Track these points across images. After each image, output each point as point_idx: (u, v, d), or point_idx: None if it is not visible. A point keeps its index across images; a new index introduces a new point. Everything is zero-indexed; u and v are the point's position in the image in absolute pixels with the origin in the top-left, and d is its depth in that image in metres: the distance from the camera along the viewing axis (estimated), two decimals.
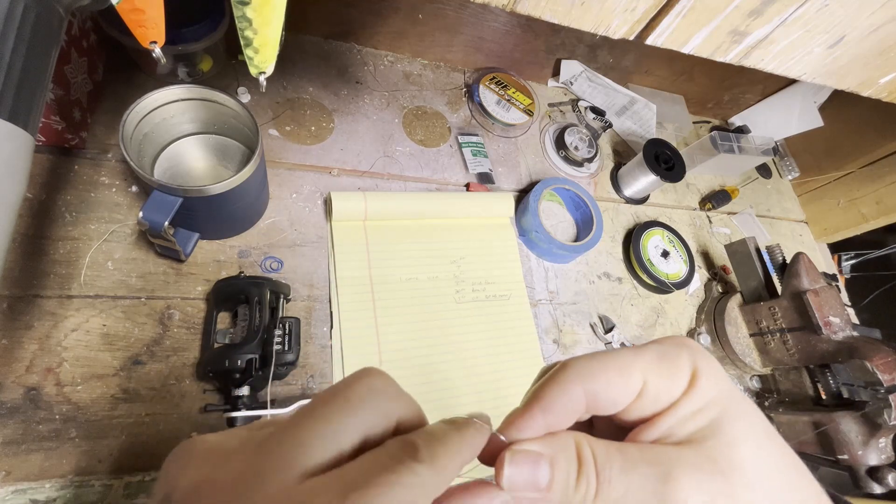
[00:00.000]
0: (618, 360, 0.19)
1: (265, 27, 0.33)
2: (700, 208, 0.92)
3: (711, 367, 0.19)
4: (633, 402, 0.19)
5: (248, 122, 0.49)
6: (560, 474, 0.18)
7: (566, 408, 0.19)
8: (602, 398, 0.19)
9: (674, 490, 0.16)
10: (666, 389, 0.19)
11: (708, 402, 0.18)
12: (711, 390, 0.19)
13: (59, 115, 0.48)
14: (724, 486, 0.17)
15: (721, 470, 0.17)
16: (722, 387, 0.19)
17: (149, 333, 0.48)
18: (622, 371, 0.19)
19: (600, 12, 0.28)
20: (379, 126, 0.71)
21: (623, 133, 0.91)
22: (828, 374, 0.63)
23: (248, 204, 0.52)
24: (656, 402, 0.19)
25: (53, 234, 0.48)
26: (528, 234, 0.70)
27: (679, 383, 0.19)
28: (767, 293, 0.71)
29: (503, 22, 0.74)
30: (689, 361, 0.19)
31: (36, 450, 0.41)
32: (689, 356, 0.19)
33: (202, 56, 0.59)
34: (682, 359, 0.19)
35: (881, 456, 0.58)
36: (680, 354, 0.19)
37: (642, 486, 0.17)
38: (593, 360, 0.19)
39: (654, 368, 0.19)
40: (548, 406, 0.19)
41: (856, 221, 0.96)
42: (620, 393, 0.19)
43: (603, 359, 0.19)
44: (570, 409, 0.19)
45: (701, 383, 0.19)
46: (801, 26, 0.29)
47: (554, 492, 0.18)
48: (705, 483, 0.17)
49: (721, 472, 0.17)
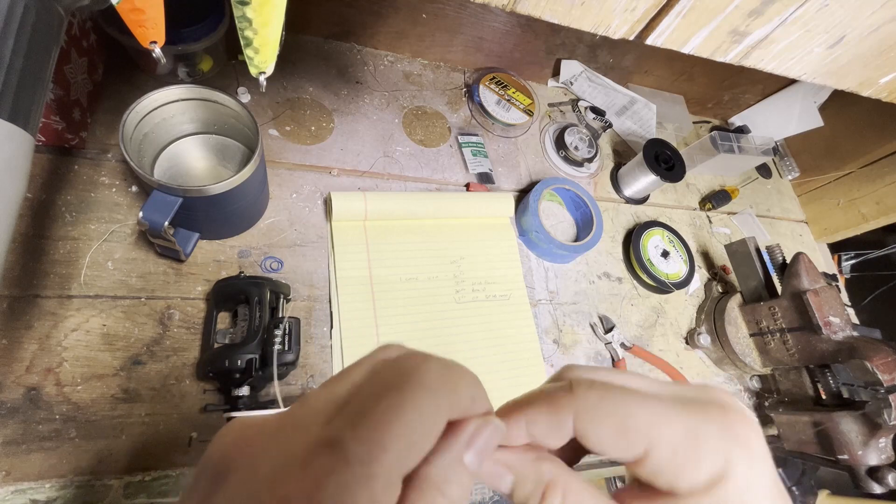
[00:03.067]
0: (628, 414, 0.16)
1: (265, 27, 0.33)
2: (700, 208, 0.92)
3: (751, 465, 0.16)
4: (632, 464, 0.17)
5: (248, 122, 0.49)
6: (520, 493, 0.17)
7: (551, 431, 0.17)
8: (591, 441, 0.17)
9: None
10: (674, 475, 0.16)
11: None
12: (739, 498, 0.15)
13: (59, 115, 0.48)
14: None
15: None
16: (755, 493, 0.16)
17: (149, 333, 0.48)
18: (624, 428, 0.16)
19: (600, 12, 0.28)
20: (379, 126, 0.71)
21: (623, 133, 0.91)
22: (828, 374, 0.63)
23: (248, 204, 0.52)
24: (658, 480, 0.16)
25: (53, 234, 0.48)
26: (528, 234, 0.70)
27: (696, 476, 0.16)
28: (767, 293, 0.71)
29: (503, 22, 0.74)
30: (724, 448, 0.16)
31: (36, 450, 0.41)
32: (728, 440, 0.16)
33: (202, 56, 0.59)
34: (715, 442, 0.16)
35: (881, 456, 0.58)
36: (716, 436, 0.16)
37: None
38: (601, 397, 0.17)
39: (669, 443, 0.16)
40: (533, 419, 0.18)
41: (856, 221, 0.96)
42: (612, 448, 0.17)
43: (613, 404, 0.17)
44: (554, 434, 0.17)
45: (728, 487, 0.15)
46: (801, 26, 0.29)
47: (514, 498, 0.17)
48: None
49: None
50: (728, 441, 0.16)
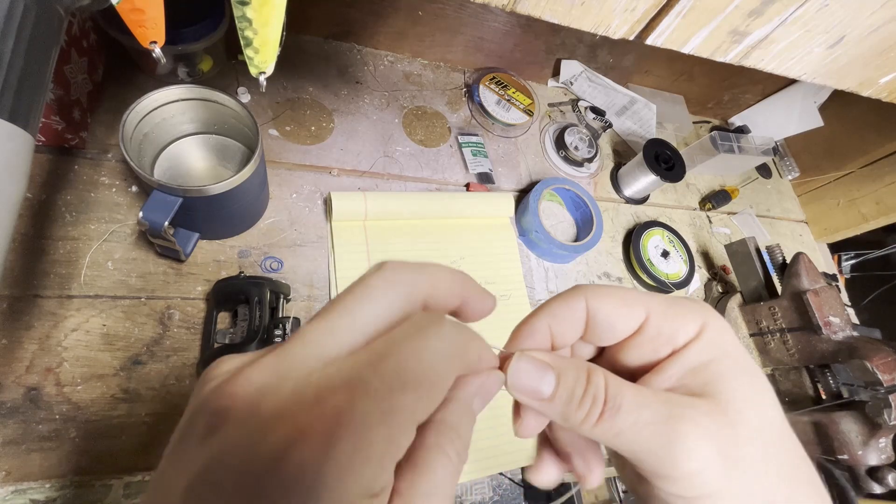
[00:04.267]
0: (624, 291, 0.20)
1: (265, 27, 0.33)
2: (700, 208, 0.92)
3: (721, 324, 0.19)
4: (635, 338, 0.20)
5: (248, 122, 0.49)
6: (565, 388, 0.18)
7: (569, 317, 0.20)
8: (601, 319, 0.19)
9: (683, 433, 0.17)
10: (670, 332, 0.19)
11: (717, 356, 0.19)
12: (720, 344, 0.19)
13: (59, 115, 0.48)
14: (732, 438, 0.17)
15: (731, 423, 0.17)
16: (730, 344, 0.19)
17: (149, 333, 0.48)
18: (625, 299, 0.19)
19: (600, 12, 0.28)
20: (379, 126, 0.71)
21: (623, 133, 0.91)
22: (828, 374, 0.63)
23: (248, 204, 0.52)
24: (660, 343, 0.19)
25: (53, 234, 0.48)
26: (528, 234, 0.70)
27: (685, 330, 0.19)
28: (767, 293, 0.71)
29: (503, 22, 0.74)
30: (699, 314, 0.19)
31: (36, 450, 0.41)
32: (700, 310, 0.19)
33: (202, 56, 0.59)
34: (691, 310, 0.19)
35: (881, 456, 0.58)
36: (690, 306, 0.20)
37: (651, 423, 0.17)
38: (601, 286, 0.20)
39: (660, 309, 0.19)
40: (552, 312, 0.20)
41: (856, 221, 0.96)
42: (620, 319, 0.19)
43: (610, 287, 0.20)
44: (572, 321, 0.20)
45: (709, 335, 0.19)
46: (801, 26, 0.29)
47: (555, 404, 0.18)
48: (715, 432, 0.17)
49: (731, 424, 0.17)
50: (698, 306, 0.20)
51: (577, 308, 0.20)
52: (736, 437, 0.17)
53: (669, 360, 0.19)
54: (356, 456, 0.12)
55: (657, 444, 0.17)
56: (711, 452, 0.16)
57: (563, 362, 0.19)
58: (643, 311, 0.19)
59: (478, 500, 0.55)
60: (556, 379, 0.18)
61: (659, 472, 0.17)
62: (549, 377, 0.18)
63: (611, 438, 0.17)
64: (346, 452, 0.12)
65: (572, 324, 0.20)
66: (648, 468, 0.17)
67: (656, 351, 0.19)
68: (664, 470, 0.17)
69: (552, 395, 0.18)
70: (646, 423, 0.17)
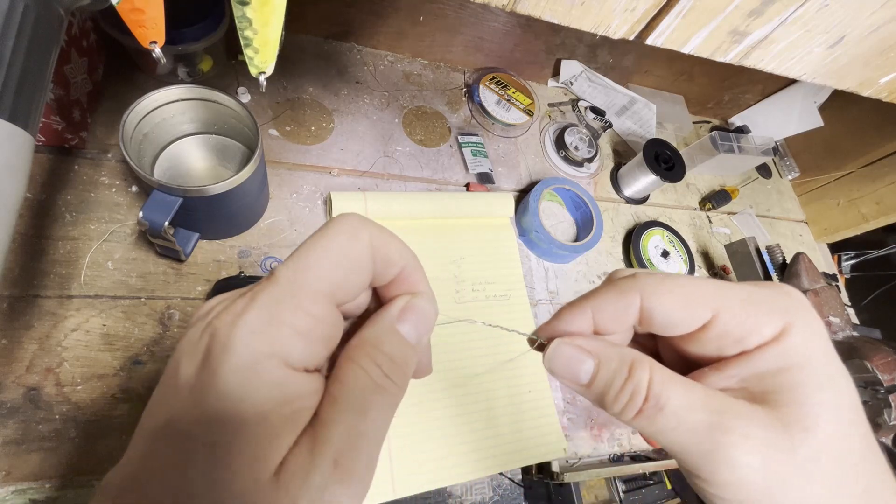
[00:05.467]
0: (691, 285, 0.18)
1: (265, 27, 0.33)
2: (700, 208, 0.92)
3: (809, 324, 0.17)
4: (697, 334, 0.18)
5: (248, 122, 0.49)
6: (603, 377, 0.18)
7: (617, 311, 0.18)
8: (658, 316, 0.18)
9: (728, 444, 0.16)
10: (740, 334, 0.17)
11: (794, 364, 0.17)
12: (801, 350, 0.17)
13: (59, 115, 0.48)
14: (786, 454, 0.16)
15: (790, 437, 0.16)
16: (815, 349, 0.17)
17: (149, 333, 0.48)
18: (690, 298, 0.17)
19: (600, 12, 0.28)
20: (379, 126, 0.71)
21: (623, 133, 0.91)
22: None
23: (248, 204, 0.52)
24: (728, 343, 0.17)
25: (53, 234, 0.48)
26: (528, 234, 0.70)
27: (762, 332, 0.17)
28: None
29: (503, 22, 0.74)
30: (783, 312, 0.17)
31: (36, 450, 0.41)
32: (785, 306, 0.17)
33: (202, 56, 0.59)
34: (774, 307, 0.17)
35: None
36: (774, 302, 0.17)
37: (695, 429, 0.16)
38: (662, 278, 0.18)
39: (733, 307, 0.17)
40: (599, 304, 0.19)
41: (856, 221, 0.96)
42: (680, 319, 0.18)
43: (673, 279, 0.18)
44: (621, 314, 0.18)
45: (791, 341, 0.17)
46: (801, 26, 0.29)
47: (592, 391, 0.18)
48: (767, 445, 0.16)
49: (789, 439, 0.16)
50: (785, 303, 0.17)
51: (630, 304, 0.18)
52: (792, 453, 0.16)
53: (734, 361, 0.17)
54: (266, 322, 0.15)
55: (699, 450, 0.16)
56: (757, 467, 0.15)
57: (607, 351, 0.18)
58: (710, 311, 0.17)
59: (478, 500, 0.55)
60: (596, 367, 0.18)
61: (698, 474, 0.17)
62: (588, 364, 0.18)
63: (651, 433, 0.17)
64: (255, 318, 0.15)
65: (621, 318, 0.18)
66: (688, 467, 0.17)
67: (721, 349, 0.18)
68: (703, 474, 0.16)
69: (589, 383, 0.18)
70: (689, 428, 0.16)
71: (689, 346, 0.18)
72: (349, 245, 0.17)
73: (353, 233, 0.17)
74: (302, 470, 0.14)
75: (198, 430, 0.14)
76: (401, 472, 0.51)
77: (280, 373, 0.15)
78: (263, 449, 0.14)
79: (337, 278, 0.16)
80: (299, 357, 0.15)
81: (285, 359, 0.15)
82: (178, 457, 0.14)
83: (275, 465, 0.14)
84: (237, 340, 0.14)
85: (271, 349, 0.15)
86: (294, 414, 0.15)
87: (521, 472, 0.59)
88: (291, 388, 0.15)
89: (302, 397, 0.15)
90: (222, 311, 0.15)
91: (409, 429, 0.53)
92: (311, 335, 0.16)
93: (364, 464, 0.15)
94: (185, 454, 0.14)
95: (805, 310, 0.17)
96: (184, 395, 0.15)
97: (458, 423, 0.55)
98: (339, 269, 0.16)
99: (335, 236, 0.16)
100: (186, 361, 0.15)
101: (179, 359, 0.15)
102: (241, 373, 0.14)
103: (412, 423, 0.53)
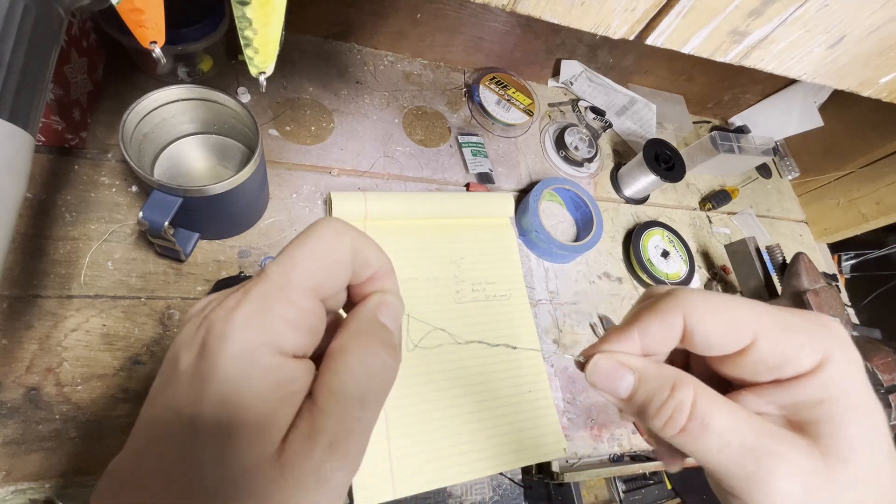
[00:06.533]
0: (731, 307, 0.18)
1: (265, 27, 0.33)
2: (700, 208, 0.92)
3: (846, 358, 0.18)
4: (736, 356, 0.18)
5: (248, 122, 0.49)
6: (644, 393, 0.18)
7: (662, 333, 0.19)
8: (700, 338, 0.18)
9: (770, 469, 0.16)
10: (779, 361, 0.17)
11: (832, 397, 0.17)
12: (839, 384, 0.17)
13: (59, 115, 0.48)
14: (826, 484, 0.16)
15: (830, 467, 0.16)
16: (852, 383, 0.17)
17: (149, 333, 0.48)
18: (732, 321, 0.18)
19: (600, 12, 0.28)
20: (379, 126, 0.71)
21: (623, 133, 0.91)
22: None
23: (248, 204, 0.52)
24: (764, 369, 0.18)
25: (53, 234, 0.48)
26: (528, 234, 0.70)
27: (799, 362, 0.17)
28: (767, 293, 0.71)
29: (503, 22, 0.74)
30: (821, 344, 0.17)
31: (36, 450, 0.41)
32: (824, 338, 0.18)
33: (202, 56, 0.59)
34: (812, 337, 0.17)
35: None
36: (813, 332, 0.18)
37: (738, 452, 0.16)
38: (704, 298, 0.18)
39: (773, 333, 0.17)
40: (644, 328, 0.19)
41: (856, 221, 0.96)
42: (722, 341, 0.18)
43: (716, 300, 0.18)
44: (666, 335, 0.19)
45: (830, 374, 0.17)
46: (801, 26, 0.29)
47: (633, 405, 0.19)
48: (808, 473, 0.16)
49: (829, 469, 0.16)
50: (825, 333, 0.18)
51: (673, 325, 0.19)
52: (832, 483, 0.16)
53: (772, 388, 0.18)
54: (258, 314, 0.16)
55: (741, 471, 0.16)
56: (797, 494, 0.16)
57: (648, 368, 0.19)
58: (750, 335, 0.18)
59: (478, 499, 0.55)
60: (636, 382, 0.18)
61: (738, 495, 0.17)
62: (629, 379, 0.19)
63: (694, 452, 0.17)
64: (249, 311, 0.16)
65: (665, 340, 0.19)
66: (728, 487, 0.17)
67: (755, 374, 0.18)
68: (743, 495, 0.17)
69: (629, 397, 0.19)
70: (733, 449, 0.16)
71: (724, 367, 0.19)
72: (333, 246, 0.18)
73: (337, 236, 0.18)
74: (302, 450, 0.15)
75: (201, 413, 0.15)
76: (401, 472, 0.51)
77: (274, 359, 0.16)
78: (263, 428, 0.15)
79: (322, 276, 0.17)
80: (290, 345, 0.16)
81: (278, 346, 0.16)
82: (185, 439, 0.15)
83: (276, 444, 0.15)
84: (233, 330, 0.15)
85: (265, 338, 0.16)
86: (289, 396, 0.16)
87: (521, 472, 0.59)
88: (285, 372, 0.16)
89: (295, 380, 0.16)
90: (216, 306, 0.16)
91: (409, 429, 0.53)
92: (300, 325, 0.17)
93: (355, 446, 0.16)
94: (191, 437, 0.15)
95: (844, 342, 0.18)
96: (184, 383, 0.15)
97: (458, 423, 0.55)
98: (324, 267, 0.18)
99: (321, 238, 0.18)
100: (185, 353, 0.16)
101: (178, 351, 0.16)
102: (239, 359, 0.15)
103: (412, 423, 0.53)
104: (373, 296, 0.20)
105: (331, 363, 0.17)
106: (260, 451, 0.15)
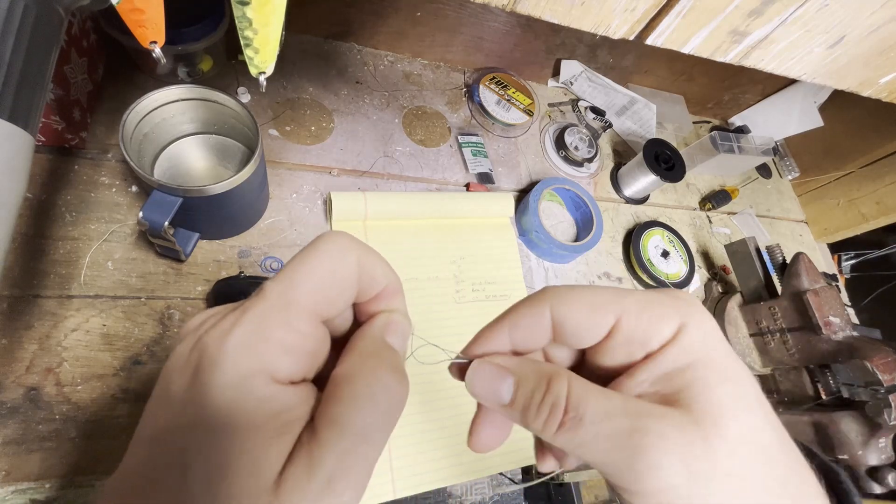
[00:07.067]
0: (593, 293, 0.19)
1: (265, 27, 0.33)
2: (700, 208, 0.92)
3: (702, 322, 0.18)
4: (606, 342, 0.18)
5: (248, 122, 0.49)
6: (524, 394, 0.18)
7: (532, 326, 0.19)
8: (568, 326, 0.18)
9: (646, 447, 0.15)
10: (643, 336, 0.18)
11: (694, 361, 0.17)
12: (699, 346, 0.17)
13: (59, 115, 0.48)
14: (704, 452, 0.16)
15: (704, 436, 0.16)
16: (712, 345, 0.18)
17: (149, 333, 0.48)
18: (594, 305, 0.18)
19: (600, 12, 0.28)
20: (379, 126, 0.71)
21: (623, 133, 0.91)
22: (828, 374, 0.63)
23: (248, 204, 0.52)
24: (633, 348, 0.18)
25: (53, 234, 0.48)
26: (528, 234, 0.70)
27: (660, 332, 0.18)
28: (767, 293, 0.71)
29: (503, 22, 0.74)
30: (678, 312, 0.18)
31: (36, 450, 0.41)
32: (679, 307, 0.18)
33: (202, 56, 0.59)
34: (668, 308, 0.18)
35: (881, 456, 0.58)
36: (668, 304, 0.18)
37: (613, 436, 0.16)
38: (569, 289, 0.19)
39: (633, 310, 0.18)
40: (513, 320, 0.19)
41: (856, 221, 0.96)
42: (587, 325, 0.18)
43: (579, 289, 0.19)
44: (535, 327, 0.19)
45: (688, 337, 0.17)
46: (801, 26, 0.29)
47: (515, 409, 0.18)
48: (684, 445, 0.16)
49: (703, 437, 0.16)
50: (678, 304, 0.18)
51: (541, 316, 0.19)
52: (710, 450, 0.16)
53: (642, 365, 0.18)
54: (253, 339, 0.15)
55: (620, 457, 0.16)
56: (678, 468, 0.15)
57: (525, 367, 0.18)
58: (612, 316, 0.18)
59: (478, 499, 0.55)
60: (516, 384, 0.18)
61: (624, 486, 0.16)
62: (508, 382, 0.18)
63: (574, 449, 0.17)
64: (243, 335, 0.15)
65: (535, 332, 0.19)
66: (614, 481, 0.17)
67: (630, 354, 0.18)
68: (628, 484, 0.16)
69: (512, 400, 0.18)
70: (608, 436, 0.16)
71: (604, 359, 0.19)
72: (337, 264, 0.17)
73: (342, 252, 0.17)
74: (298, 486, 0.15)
75: (193, 441, 0.14)
76: (401, 472, 0.51)
77: (268, 388, 0.15)
78: (258, 458, 0.14)
79: (324, 296, 0.17)
80: (287, 372, 0.16)
81: (273, 374, 0.15)
82: (177, 465, 0.14)
83: (271, 479, 0.14)
84: (225, 357, 0.15)
85: (259, 365, 0.15)
86: (284, 426, 0.15)
87: (521, 472, 0.59)
88: (280, 401, 0.15)
89: (291, 409, 0.16)
90: (211, 327, 0.16)
91: (409, 429, 0.53)
92: (298, 351, 0.16)
93: (355, 483, 0.15)
94: (183, 463, 0.14)
95: (697, 309, 0.18)
96: (176, 409, 0.15)
97: (458, 423, 0.55)
98: (327, 287, 0.17)
99: (324, 255, 0.17)
100: (177, 377, 0.15)
101: (170, 373, 0.16)
102: (230, 389, 0.15)
103: (412, 423, 0.53)
104: (380, 315, 0.19)
105: (334, 390, 0.16)
106: (254, 485, 0.14)
